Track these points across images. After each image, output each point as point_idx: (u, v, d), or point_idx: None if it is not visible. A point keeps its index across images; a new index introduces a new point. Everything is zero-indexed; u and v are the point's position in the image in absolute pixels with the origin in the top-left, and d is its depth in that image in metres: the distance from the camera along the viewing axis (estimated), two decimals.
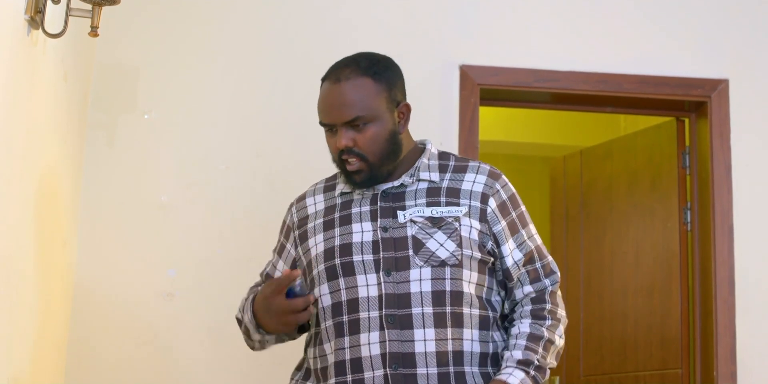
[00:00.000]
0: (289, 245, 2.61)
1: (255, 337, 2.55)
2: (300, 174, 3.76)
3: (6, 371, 2.45)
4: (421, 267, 2.41)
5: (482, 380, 2.40)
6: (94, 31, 2.62)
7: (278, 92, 3.91)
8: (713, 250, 4.01)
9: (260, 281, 2.70)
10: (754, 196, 4.07)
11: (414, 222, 2.44)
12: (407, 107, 2.53)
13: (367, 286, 2.41)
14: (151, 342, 3.67)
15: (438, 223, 2.44)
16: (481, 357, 2.42)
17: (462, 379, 2.38)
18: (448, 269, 2.41)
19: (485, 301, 2.46)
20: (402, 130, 2.51)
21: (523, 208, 2.56)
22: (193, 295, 3.72)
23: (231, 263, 3.74)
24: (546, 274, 2.51)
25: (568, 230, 4.96)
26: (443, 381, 2.36)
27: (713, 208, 4.04)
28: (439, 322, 2.38)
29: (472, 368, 2.40)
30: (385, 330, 2.38)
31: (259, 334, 2.52)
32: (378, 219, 2.46)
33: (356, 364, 2.39)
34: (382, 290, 2.40)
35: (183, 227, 3.77)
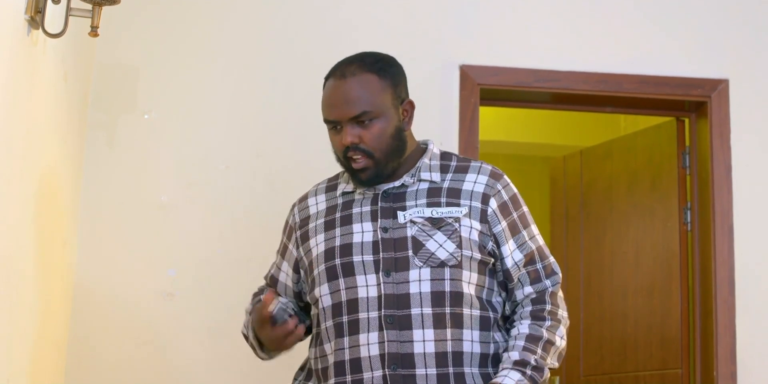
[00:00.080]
0: (291, 246, 2.61)
1: (261, 355, 2.58)
2: (300, 174, 3.76)
3: (6, 371, 2.44)
4: (420, 268, 2.40)
5: (482, 381, 2.39)
6: (94, 31, 2.62)
7: (278, 92, 3.91)
8: (713, 250, 4.01)
9: (264, 285, 2.70)
10: (754, 196, 4.07)
11: (414, 222, 2.44)
12: (411, 104, 2.52)
13: (366, 286, 2.41)
14: (151, 342, 3.67)
15: (438, 223, 2.43)
16: (482, 358, 2.41)
17: (461, 380, 2.38)
18: (447, 270, 2.41)
19: (485, 302, 2.45)
20: (407, 128, 2.50)
21: (525, 208, 2.54)
22: (193, 295, 3.72)
23: (231, 263, 3.74)
24: (547, 274, 2.49)
25: (568, 230, 4.96)
26: (442, 381, 2.36)
27: (713, 208, 4.04)
28: (439, 322, 2.38)
29: (472, 369, 2.40)
30: (384, 330, 2.37)
31: (264, 352, 2.55)
32: (378, 219, 2.46)
33: (355, 365, 2.39)
34: (382, 291, 2.40)
35: (183, 227, 3.77)
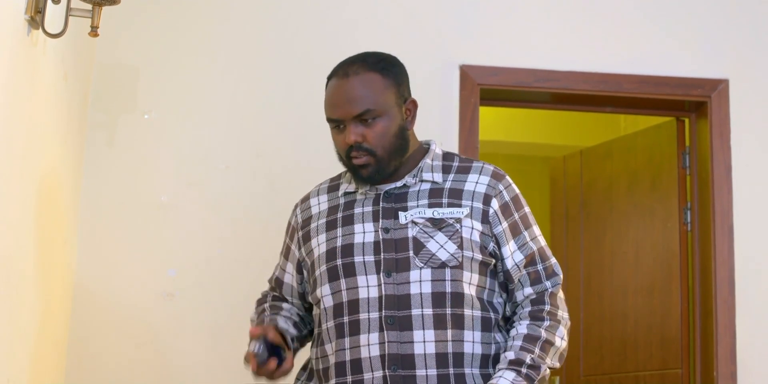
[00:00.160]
0: (294, 246, 2.61)
1: None
2: (300, 174, 3.76)
3: (6, 371, 2.44)
4: (421, 268, 2.40)
5: (482, 381, 2.39)
6: (94, 31, 2.62)
7: (278, 92, 3.91)
8: (713, 250, 4.01)
9: (267, 291, 2.69)
10: (754, 196, 4.07)
11: (415, 223, 2.43)
12: (414, 104, 2.52)
13: (367, 287, 2.41)
14: (151, 342, 3.67)
15: (439, 224, 2.43)
16: (483, 358, 2.41)
17: (462, 381, 2.37)
18: (448, 271, 2.40)
19: (486, 303, 2.45)
20: (410, 127, 2.50)
21: (527, 209, 2.53)
22: (193, 295, 3.72)
23: (231, 263, 3.74)
24: (547, 275, 2.48)
25: (568, 230, 4.96)
26: (443, 382, 2.36)
27: (713, 208, 4.04)
28: (439, 323, 2.38)
29: (472, 370, 2.39)
30: (385, 331, 2.37)
31: None
32: (380, 220, 2.45)
33: (356, 365, 2.39)
34: (382, 291, 2.39)
35: (183, 227, 3.77)
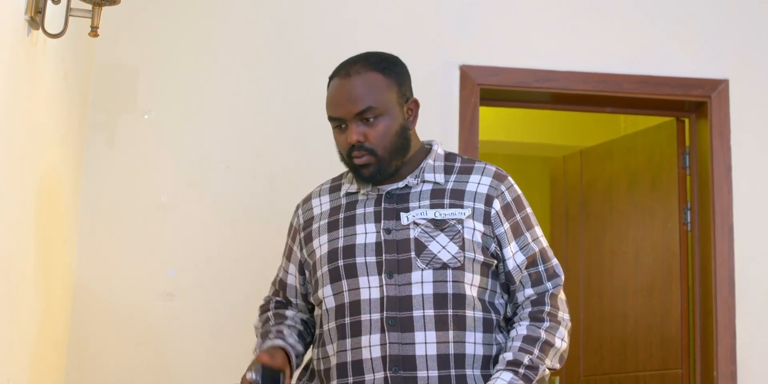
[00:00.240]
0: (296, 247, 2.60)
1: None
2: (300, 174, 3.76)
3: (6, 371, 2.44)
4: (422, 269, 2.39)
5: (484, 383, 2.38)
6: (94, 31, 2.62)
7: (278, 92, 3.91)
8: (713, 250, 4.01)
9: (270, 295, 2.68)
10: (754, 196, 4.07)
11: (417, 224, 2.43)
12: (416, 103, 2.52)
13: (369, 288, 2.41)
14: (151, 342, 3.67)
15: (441, 225, 2.42)
16: (484, 360, 2.41)
17: (463, 382, 2.37)
18: (449, 272, 2.40)
19: (488, 304, 2.45)
20: (412, 126, 2.50)
21: (529, 210, 2.53)
22: (193, 295, 3.72)
23: (231, 263, 3.74)
24: (549, 277, 2.48)
25: (568, 230, 4.96)
26: (444, 383, 2.35)
27: (713, 208, 4.04)
28: (441, 324, 2.38)
29: (474, 371, 2.39)
30: (386, 332, 2.37)
31: None
32: (381, 220, 2.45)
33: (357, 367, 2.39)
34: (384, 293, 2.39)
35: (183, 227, 3.77)
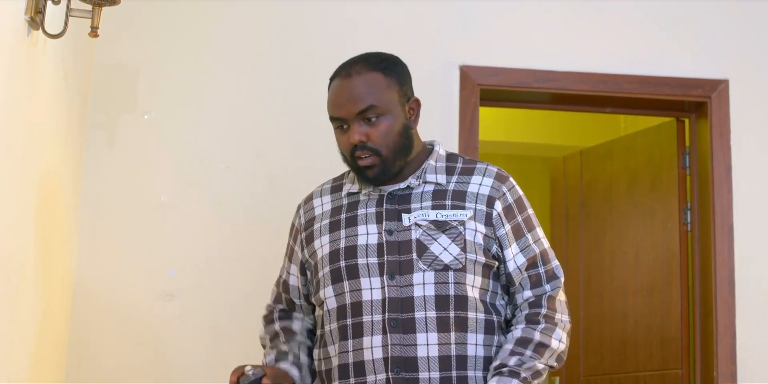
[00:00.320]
0: (297, 248, 2.60)
1: None
2: (300, 174, 3.76)
3: (6, 371, 2.44)
4: (424, 271, 2.39)
5: None
6: (94, 32, 2.62)
7: (278, 92, 3.91)
8: (713, 250, 4.01)
9: (273, 303, 2.67)
10: (754, 196, 4.07)
11: (419, 225, 2.43)
12: (417, 102, 2.51)
13: (371, 289, 2.40)
14: (151, 342, 3.67)
15: (443, 226, 2.42)
16: (486, 361, 2.41)
17: (465, 383, 2.37)
18: (451, 273, 2.40)
19: (490, 306, 2.45)
20: (414, 126, 2.50)
21: (530, 211, 2.52)
22: (193, 295, 3.72)
23: (231, 263, 3.74)
24: (548, 279, 2.47)
25: (568, 230, 4.96)
26: None
27: (713, 208, 4.04)
28: (443, 326, 2.38)
29: (475, 372, 2.39)
30: (388, 334, 2.37)
31: None
32: (383, 221, 2.45)
33: (359, 368, 2.39)
34: (386, 294, 2.39)
35: (183, 227, 3.77)
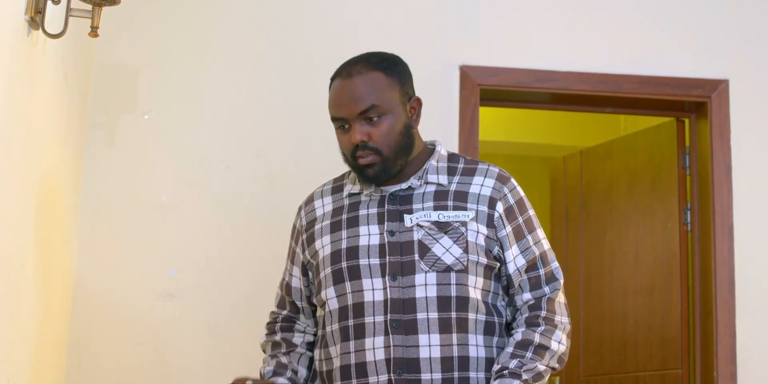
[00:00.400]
0: (299, 249, 2.60)
1: None
2: (300, 174, 3.76)
3: (6, 371, 2.44)
4: (426, 272, 2.39)
5: None
6: (94, 32, 2.62)
7: (278, 92, 3.91)
8: (713, 250, 4.01)
9: (276, 311, 2.66)
10: (754, 196, 4.07)
11: (420, 226, 2.42)
12: (419, 102, 2.51)
13: (372, 290, 2.40)
14: (151, 342, 3.67)
15: (444, 227, 2.42)
16: (487, 362, 2.40)
17: None
18: (453, 274, 2.39)
19: (491, 307, 2.45)
20: (415, 125, 2.49)
21: (531, 212, 2.52)
22: (193, 295, 3.72)
23: (231, 263, 3.74)
24: (547, 280, 2.47)
25: (568, 230, 4.96)
26: None
27: (713, 208, 4.04)
28: (444, 327, 2.37)
29: (477, 374, 2.39)
30: (390, 335, 2.37)
31: None
32: (385, 222, 2.44)
33: (361, 369, 2.39)
34: (388, 295, 2.39)
35: (183, 227, 3.77)
